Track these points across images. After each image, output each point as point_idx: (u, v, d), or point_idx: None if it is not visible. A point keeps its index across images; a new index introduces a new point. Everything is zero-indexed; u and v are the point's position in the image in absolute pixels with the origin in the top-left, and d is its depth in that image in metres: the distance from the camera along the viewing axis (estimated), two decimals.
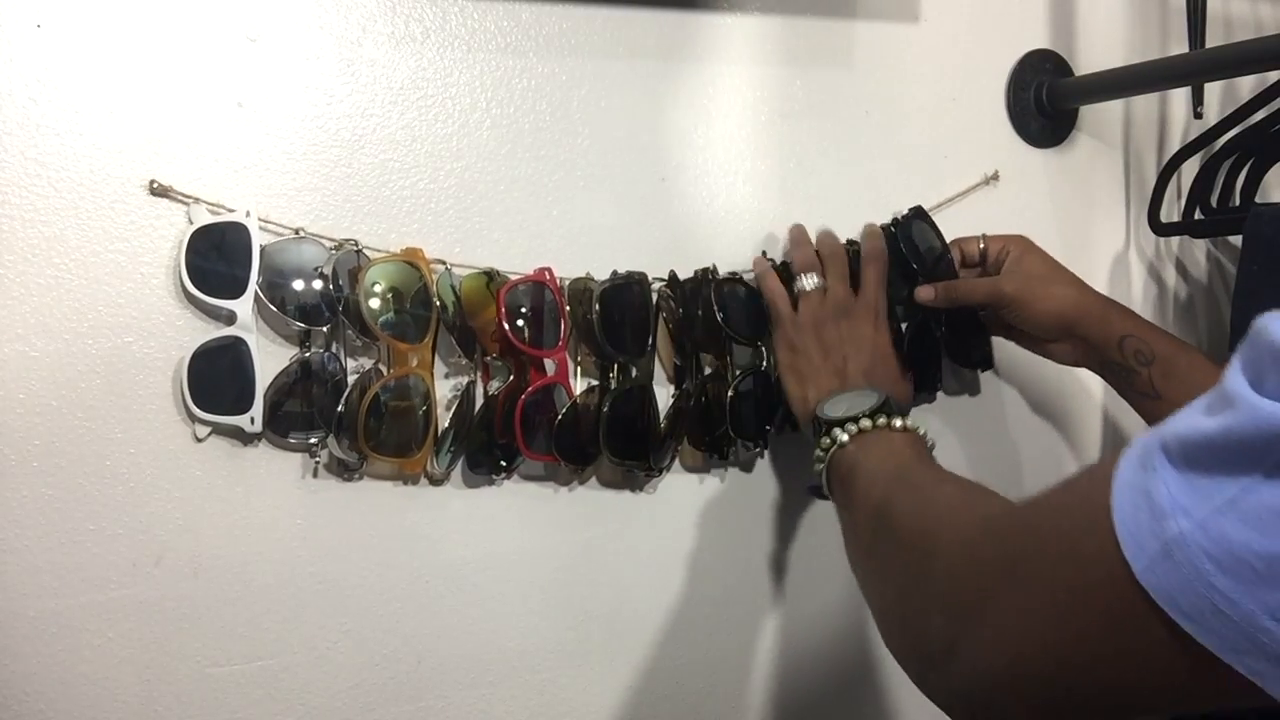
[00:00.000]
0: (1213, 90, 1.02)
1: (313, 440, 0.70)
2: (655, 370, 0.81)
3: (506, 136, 0.76)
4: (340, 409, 0.69)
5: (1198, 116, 0.96)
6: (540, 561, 0.79)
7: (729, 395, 0.80)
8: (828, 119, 0.88)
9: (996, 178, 0.95)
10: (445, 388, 0.74)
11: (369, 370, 0.71)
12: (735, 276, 0.82)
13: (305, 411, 0.69)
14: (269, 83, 0.69)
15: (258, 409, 0.67)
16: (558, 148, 0.78)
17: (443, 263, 0.73)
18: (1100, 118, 1.01)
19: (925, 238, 0.86)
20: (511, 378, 0.75)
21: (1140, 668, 0.38)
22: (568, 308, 0.75)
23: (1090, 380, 0.97)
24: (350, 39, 0.71)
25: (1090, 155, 1.01)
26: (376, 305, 0.69)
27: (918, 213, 0.87)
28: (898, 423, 0.68)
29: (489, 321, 0.73)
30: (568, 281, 0.77)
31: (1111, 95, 0.97)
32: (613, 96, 0.80)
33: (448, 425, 0.72)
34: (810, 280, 0.78)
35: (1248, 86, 1.03)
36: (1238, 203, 0.94)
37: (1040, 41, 0.97)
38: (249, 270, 0.66)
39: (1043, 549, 0.43)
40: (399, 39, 0.73)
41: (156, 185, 0.66)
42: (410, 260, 0.71)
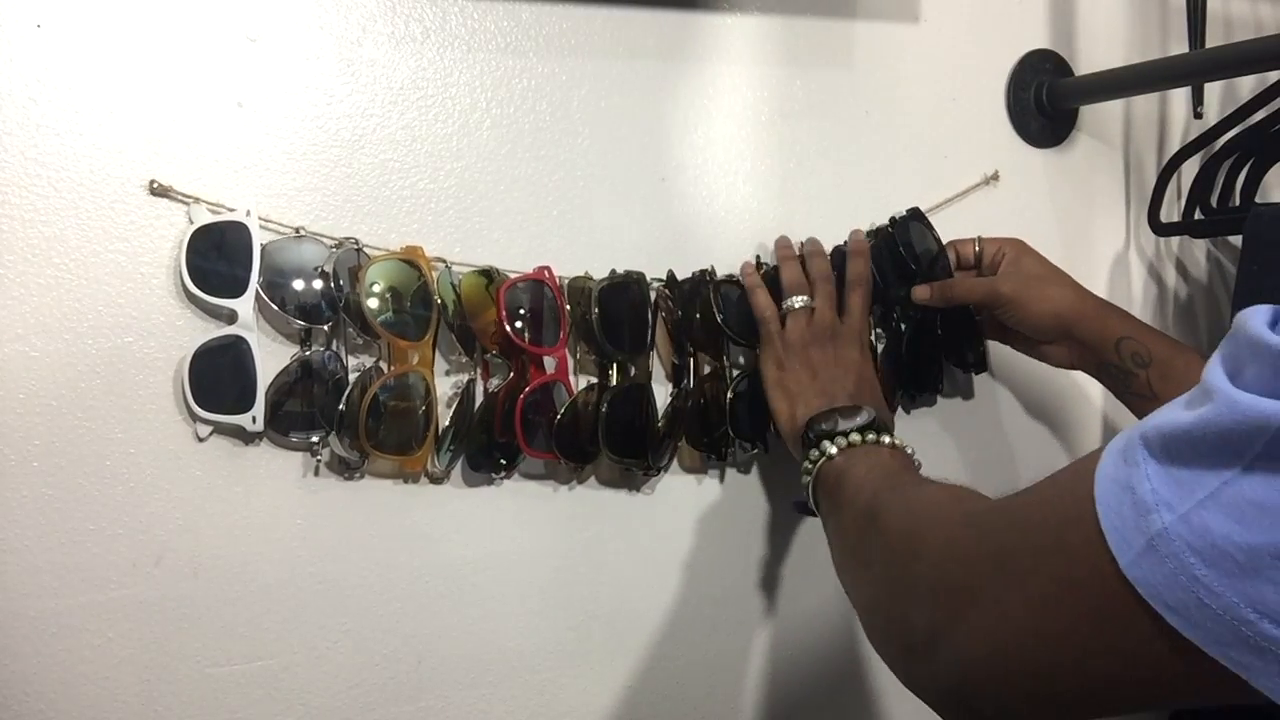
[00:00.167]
0: (1213, 90, 1.02)
1: (314, 439, 0.70)
2: (654, 369, 0.81)
3: (506, 136, 0.76)
4: (341, 407, 0.69)
5: (1198, 116, 0.96)
6: (540, 561, 0.79)
7: (728, 396, 0.81)
8: (828, 119, 0.88)
9: (996, 178, 0.95)
10: (446, 385, 0.74)
11: (370, 368, 0.71)
12: (733, 279, 0.82)
13: (306, 410, 0.69)
14: (269, 83, 0.69)
15: (259, 408, 0.67)
16: (558, 148, 0.78)
17: (443, 261, 0.73)
18: (1100, 118, 1.01)
19: (922, 239, 0.86)
20: (511, 375, 0.75)
21: (1127, 661, 0.38)
22: (567, 306, 0.76)
23: (1087, 384, 0.96)
24: (350, 39, 0.71)
25: (1090, 155, 1.01)
26: (377, 304, 0.69)
27: (914, 214, 0.87)
28: (886, 439, 0.68)
29: (489, 320, 0.73)
30: (567, 280, 0.77)
31: (1111, 95, 0.97)
32: (613, 96, 0.80)
33: (448, 423, 0.72)
34: (798, 301, 0.79)
35: (1248, 86, 1.03)
36: (1238, 203, 0.94)
37: (1040, 41, 0.98)
38: (249, 269, 0.66)
39: (1029, 542, 0.43)
40: (399, 39, 0.73)
41: (156, 185, 0.66)
42: (410, 259, 0.71)
